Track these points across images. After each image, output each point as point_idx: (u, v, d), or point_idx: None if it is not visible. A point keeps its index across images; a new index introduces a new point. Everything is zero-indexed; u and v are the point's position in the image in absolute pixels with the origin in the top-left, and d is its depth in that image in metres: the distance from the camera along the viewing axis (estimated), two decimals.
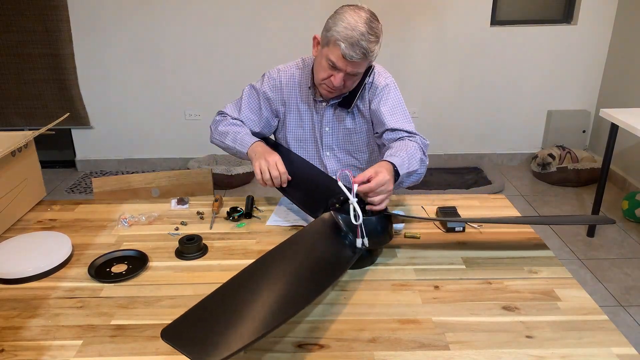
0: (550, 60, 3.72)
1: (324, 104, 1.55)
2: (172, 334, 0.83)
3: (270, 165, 1.38)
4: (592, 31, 3.64)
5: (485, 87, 3.78)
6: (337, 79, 1.40)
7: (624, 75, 3.52)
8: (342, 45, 1.32)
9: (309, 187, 1.43)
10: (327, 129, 1.59)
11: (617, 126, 2.61)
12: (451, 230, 1.38)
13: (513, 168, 3.95)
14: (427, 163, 1.42)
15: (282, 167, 1.39)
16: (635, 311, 2.25)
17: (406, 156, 1.31)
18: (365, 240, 1.15)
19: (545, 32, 3.64)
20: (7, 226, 1.41)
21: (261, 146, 1.47)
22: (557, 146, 3.77)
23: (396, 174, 1.26)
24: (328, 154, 1.63)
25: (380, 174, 1.19)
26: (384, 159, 1.29)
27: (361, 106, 1.54)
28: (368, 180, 1.18)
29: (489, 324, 1.01)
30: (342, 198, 1.26)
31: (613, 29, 3.63)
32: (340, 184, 1.16)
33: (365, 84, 1.51)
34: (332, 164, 1.64)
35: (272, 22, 3.56)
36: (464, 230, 1.38)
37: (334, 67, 1.38)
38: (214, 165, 3.75)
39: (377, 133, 1.54)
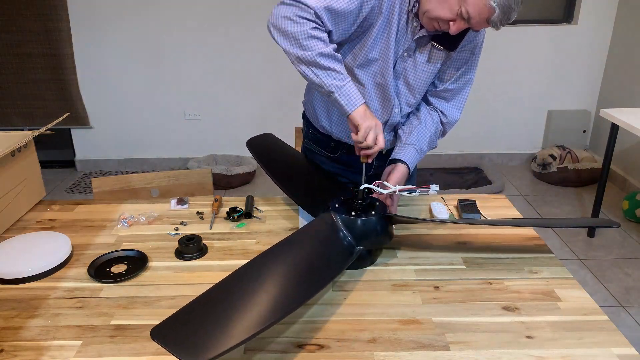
0: (550, 60, 3.72)
1: (419, 30, 1.27)
2: (162, 333, 0.83)
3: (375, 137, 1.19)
4: (592, 31, 3.64)
5: (486, 87, 3.78)
6: (457, 28, 1.17)
7: (624, 75, 3.52)
8: (497, 10, 1.10)
9: (309, 187, 1.43)
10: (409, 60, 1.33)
11: (618, 126, 2.61)
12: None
13: (513, 168, 3.94)
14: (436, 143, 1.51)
15: (382, 142, 1.20)
16: (636, 311, 2.24)
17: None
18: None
19: (545, 32, 3.64)
20: (7, 226, 1.41)
21: (366, 108, 1.21)
22: (557, 146, 3.76)
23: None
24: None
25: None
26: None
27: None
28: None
29: (489, 324, 1.01)
30: (341, 198, 1.25)
31: (613, 29, 3.63)
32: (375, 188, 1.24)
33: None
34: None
35: None
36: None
37: (464, 18, 1.14)
38: (213, 165, 3.75)
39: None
